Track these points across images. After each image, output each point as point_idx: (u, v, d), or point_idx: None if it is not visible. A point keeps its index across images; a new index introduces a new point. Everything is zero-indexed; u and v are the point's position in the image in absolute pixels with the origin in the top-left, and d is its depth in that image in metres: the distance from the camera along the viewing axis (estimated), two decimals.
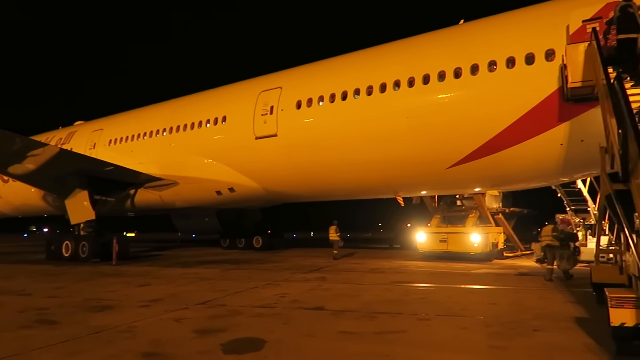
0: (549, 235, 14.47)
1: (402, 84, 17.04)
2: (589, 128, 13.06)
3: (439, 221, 23.20)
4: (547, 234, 14.54)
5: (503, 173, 16.61)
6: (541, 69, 14.34)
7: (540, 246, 14.71)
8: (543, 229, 14.94)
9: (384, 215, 51.59)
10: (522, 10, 16.25)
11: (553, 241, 14.34)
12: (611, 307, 6.46)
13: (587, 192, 20.88)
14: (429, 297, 11.19)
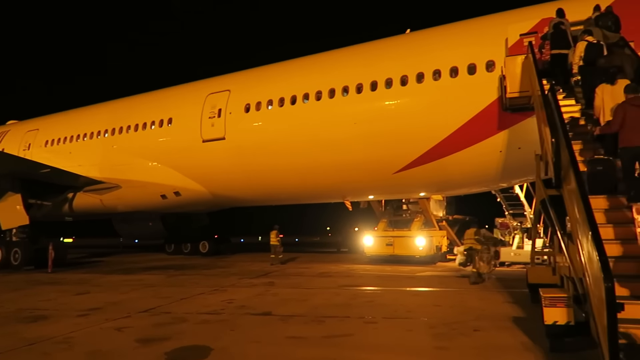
0: (471, 238, 14.76)
1: (350, 90, 17.28)
2: (525, 136, 13.74)
3: (385, 225, 23.64)
4: (469, 237, 14.84)
5: (447, 178, 17.18)
6: (482, 79, 14.96)
7: (463, 249, 14.98)
8: (466, 232, 15.29)
9: (332, 219, 52.02)
10: (465, 22, 16.93)
11: (475, 244, 14.64)
12: (545, 307, 6.82)
13: (523, 197, 21.96)
14: (375, 300, 11.37)
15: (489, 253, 14.83)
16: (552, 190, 8.42)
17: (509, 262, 20.17)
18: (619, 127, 7.06)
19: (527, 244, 19.02)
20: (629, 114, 6.93)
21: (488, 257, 14.74)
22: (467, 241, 14.84)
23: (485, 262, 14.61)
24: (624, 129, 6.96)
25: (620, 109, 7.13)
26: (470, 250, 14.60)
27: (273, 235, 22.69)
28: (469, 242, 14.75)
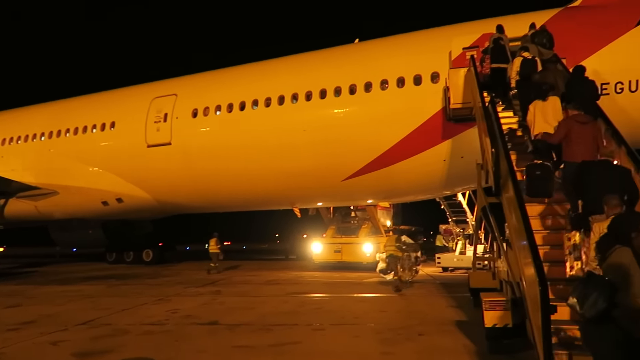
0: (392, 245, 14.63)
1: (299, 97, 17.35)
2: (468, 146, 14.28)
3: (334, 232, 23.81)
4: (390, 244, 14.72)
5: (394, 186, 17.56)
6: (427, 90, 15.45)
7: (385, 256, 14.75)
8: (387, 239, 15.25)
9: (280, 226, 51.81)
10: (412, 34, 17.45)
11: (396, 251, 14.48)
12: (485, 310, 7.10)
13: (466, 204, 22.77)
14: (324, 307, 11.41)
15: (410, 260, 14.79)
16: (492, 198, 8.78)
17: (452, 268, 20.82)
18: (559, 140, 7.36)
19: (470, 249, 19.69)
20: (573, 130, 7.21)
21: (409, 263, 14.69)
22: (388, 248, 14.66)
23: (407, 268, 14.56)
24: (569, 144, 7.20)
25: (564, 124, 7.44)
26: (392, 257, 14.45)
27: (213, 242, 21.90)
28: (390, 249, 14.57)
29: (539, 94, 8.49)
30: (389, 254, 14.51)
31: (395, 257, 14.42)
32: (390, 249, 14.57)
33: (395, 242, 14.72)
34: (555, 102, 8.23)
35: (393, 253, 14.44)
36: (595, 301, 4.07)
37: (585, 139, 7.06)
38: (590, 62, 12.70)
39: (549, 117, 8.04)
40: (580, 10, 14.62)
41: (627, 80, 12.83)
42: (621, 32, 13.12)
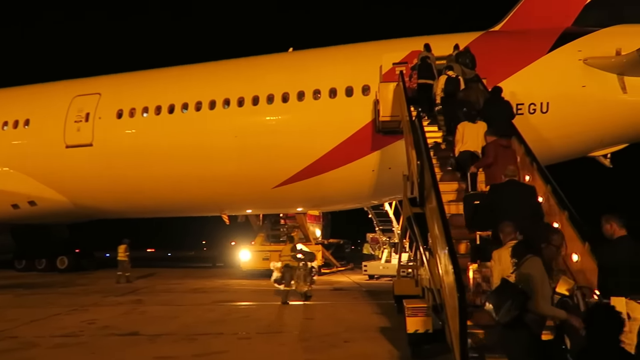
0: (288, 255, 13.88)
1: (232, 102, 17.13)
2: (395, 157, 14.76)
3: (263, 239, 23.63)
4: (286, 254, 13.95)
5: (324, 194, 17.77)
6: (358, 102, 15.82)
7: (280, 266, 14.03)
8: (283, 249, 14.53)
9: (208, 233, 50.59)
10: (345, 47, 17.82)
11: (292, 261, 13.75)
12: (408, 317, 7.36)
13: (392, 213, 23.49)
14: (251, 316, 11.28)
15: (305, 270, 14.01)
16: (416, 208, 9.14)
17: (378, 275, 21.35)
18: (492, 160, 7.71)
19: (395, 257, 20.28)
20: (499, 153, 7.63)
21: (304, 274, 13.93)
22: (284, 258, 13.91)
23: (302, 279, 13.80)
24: (496, 166, 7.57)
25: (492, 147, 7.84)
26: (287, 267, 13.71)
27: (121, 250, 20.55)
28: (286, 259, 13.82)
29: (469, 117, 8.89)
30: (284, 264, 13.78)
31: (291, 268, 13.67)
32: (285, 258, 13.85)
33: (290, 251, 13.95)
34: (483, 126, 8.66)
35: (289, 263, 13.74)
36: (509, 308, 4.36)
37: (510, 162, 7.45)
38: (507, 84, 13.62)
39: (478, 139, 8.47)
40: (500, 35, 15.67)
41: (539, 102, 13.89)
42: (535, 57, 14.20)
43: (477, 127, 8.66)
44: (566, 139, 14.10)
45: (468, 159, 8.42)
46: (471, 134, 8.57)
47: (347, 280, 20.63)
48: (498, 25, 16.05)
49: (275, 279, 14.26)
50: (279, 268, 13.99)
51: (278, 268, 14.08)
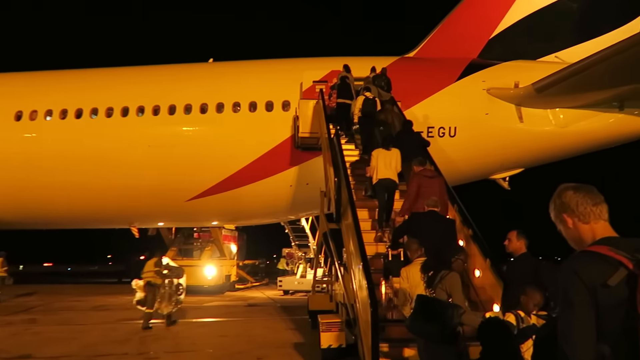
0: (151, 270, 12.26)
1: (146, 110, 16.43)
2: (313, 174, 14.95)
3: (175, 254, 22.76)
4: (149, 270, 12.32)
5: (240, 208, 17.51)
6: (278, 117, 15.87)
7: (142, 284, 12.25)
8: (146, 264, 12.67)
9: (114, 246, 47.75)
10: (265, 62, 17.88)
11: (155, 278, 12.14)
12: (322, 332, 7.44)
13: (308, 229, 23.72)
14: (159, 334, 10.77)
15: (171, 288, 12.35)
16: (333, 224, 9.32)
17: (293, 290, 21.38)
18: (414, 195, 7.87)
19: (310, 273, 20.45)
20: (422, 184, 7.88)
21: (170, 292, 12.27)
22: (146, 275, 12.29)
23: (166, 299, 12.15)
24: (419, 197, 7.75)
25: (415, 179, 8.11)
26: (150, 286, 12.09)
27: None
28: (149, 276, 12.21)
29: (383, 143, 9.16)
30: (146, 281, 12.16)
31: (154, 286, 12.10)
32: (148, 275, 12.23)
33: (154, 266, 12.32)
34: (397, 153, 9.00)
35: (151, 280, 12.11)
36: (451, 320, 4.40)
37: (434, 192, 7.69)
38: (420, 107, 14.45)
39: (392, 166, 8.79)
40: (414, 61, 16.57)
41: (448, 126, 14.80)
42: (445, 84, 15.16)
43: (391, 154, 8.95)
44: (471, 162, 15.12)
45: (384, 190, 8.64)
46: (385, 161, 8.83)
47: (262, 296, 20.44)
48: (412, 52, 16.96)
49: (138, 299, 12.32)
50: (142, 287, 12.20)
51: (141, 287, 12.25)
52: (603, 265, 1.97)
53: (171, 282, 12.39)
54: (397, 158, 8.96)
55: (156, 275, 12.15)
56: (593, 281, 1.96)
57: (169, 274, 12.43)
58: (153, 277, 12.14)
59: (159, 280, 12.14)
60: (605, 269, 1.95)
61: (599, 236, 2.13)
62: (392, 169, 8.80)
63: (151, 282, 12.07)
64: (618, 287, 1.91)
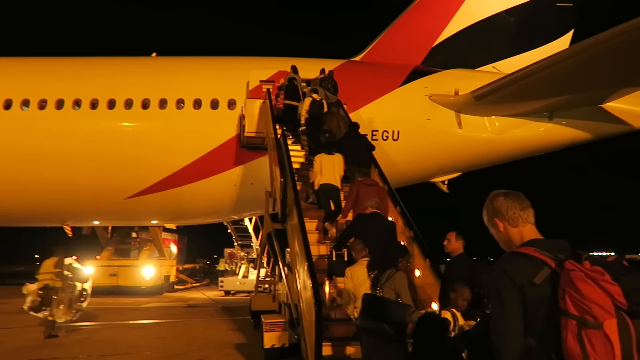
0: (49, 271, 10.85)
1: (83, 103, 15.68)
2: (258, 173, 14.87)
3: (110, 253, 21.90)
4: (47, 271, 10.91)
5: (182, 207, 17.09)
6: (224, 115, 15.64)
7: (37, 288, 10.72)
8: (43, 264, 11.23)
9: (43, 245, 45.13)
10: (212, 59, 17.57)
11: (55, 280, 10.74)
12: (265, 332, 7.44)
13: (252, 229, 23.54)
14: (93, 337, 10.33)
15: (72, 292, 11.14)
16: (277, 225, 9.32)
17: (235, 291, 21.16)
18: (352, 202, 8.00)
19: (253, 273, 20.31)
20: (361, 191, 7.97)
21: (70, 297, 11.04)
22: (43, 276, 10.82)
23: (66, 305, 10.89)
24: (358, 203, 7.87)
25: (354, 187, 8.21)
26: (47, 288, 10.63)
27: None
28: (46, 278, 10.77)
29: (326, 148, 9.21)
30: (43, 285, 10.67)
31: (52, 289, 10.68)
32: (45, 276, 10.78)
33: (54, 267, 10.91)
34: (340, 158, 9.08)
35: (49, 283, 10.68)
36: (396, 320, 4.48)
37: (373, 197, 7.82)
38: (365, 111, 14.73)
39: (335, 171, 8.86)
40: (360, 65, 16.87)
41: (392, 130, 15.18)
42: (390, 89, 15.54)
43: (334, 159, 9.00)
44: (413, 165, 15.60)
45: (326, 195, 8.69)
46: (328, 166, 8.86)
47: (202, 297, 20.08)
48: (359, 56, 17.27)
49: (30, 305, 10.65)
50: (35, 291, 10.62)
51: (33, 291, 10.66)
52: (529, 265, 2.15)
53: (73, 286, 11.16)
54: (340, 163, 9.02)
55: (56, 277, 10.73)
56: (521, 279, 2.13)
57: (71, 276, 11.09)
58: (52, 279, 10.69)
59: (59, 283, 10.73)
60: (531, 268, 2.13)
61: (527, 238, 2.33)
62: (335, 174, 8.84)
63: (49, 284, 10.62)
64: (543, 284, 2.09)
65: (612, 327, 1.91)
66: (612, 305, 1.94)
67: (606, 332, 1.91)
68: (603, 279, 1.96)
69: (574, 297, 1.98)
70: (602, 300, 1.94)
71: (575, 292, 1.97)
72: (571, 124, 14.79)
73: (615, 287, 1.95)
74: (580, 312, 1.96)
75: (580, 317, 1.95)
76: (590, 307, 1.94)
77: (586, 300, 1.95)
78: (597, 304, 1.94)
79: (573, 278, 1.99)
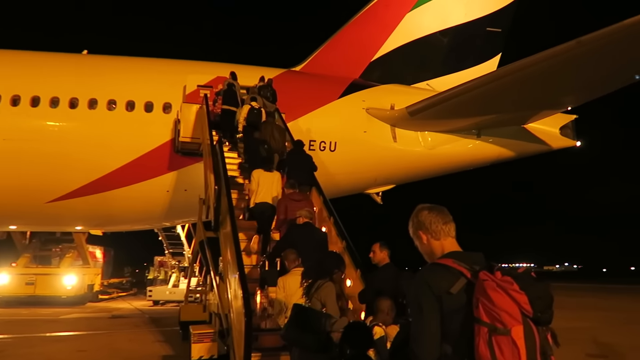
0: None
1: (3, 100, 14.63)
2: (192, 180, 14.51)
3: (28, 261, 20.48)
4: None
5: (110, 213, 16.30)
6: (158, 119, 15.14)
7: None
8: None
9: None
10: (148, 60, 16.95)
11: None
12: (193, 343, 7.23)
13: (184, 237, 22.90)
14: (6, 351, 9.59)
15: None
16: (210, 233, 9.13)
17: (164, 301, 20.43)
18: (283, 216, 7.99)
19: (183, 282, 19.74)
20: (289, 207, 7.93)
21: None
22: None
23: None
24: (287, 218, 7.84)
25: (282, 202, 8.17)
26: None
27: None
28: None
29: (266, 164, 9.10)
30: None
31: None
32: None
33: None
34: (278, 176, 9.00)
35: None
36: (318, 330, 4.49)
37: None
38: (303, 121, 14.83)
39: (272, 189, 8.72)
40: (300, 75, 16.99)
41: (329, 141, 15.38)
42: (328, 100, 15.75)
43: (272, 177, 8.87)
44: (349, 176, 15.86)
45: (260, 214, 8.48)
46: (266, 184, 8.68)
47: (129, 307, 19.24)
48: (299, 66, 17.40)
49: None
50: None
51: None
52: (447, 276, 2.28)
53: None
54: (279, 181, 8.91)
55: None
56: (440, 289, 2.25)
57: None
58: None
59: None
60: (449, 279, 2.26)
61: (447, 250, 2.47)
62: (272, 193, 8.69)
63: None
64: (459, 294, 2.22)
65: (519, 334, 2.06)
66: (520, 313, 2.09)
67: (513, 338, 2.05)
68: (512, 288, 2.11)
69: (486, 306, 2.11)
70: (510, 308, 2.08)
71: (488, 300, 2.10)
72: (497, 142, 15.69)
73: (523, 296, 2.10)
74: (491, 319, 2.09)
75: (491, 324, 2.08)
76: (500, 315, 2.08)
77: (496, 308, 2.08)
78: (506, 312, 2.08)
79: (486, 288, 2.13)
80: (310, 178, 9.64)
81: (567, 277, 77.70)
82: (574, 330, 12.02)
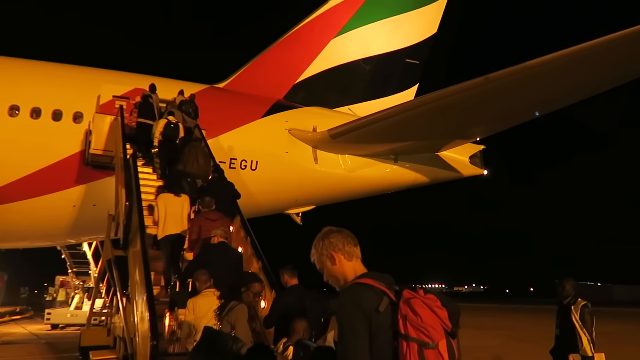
0: None
1: None
2: (102, 194, 13.68)
3: None
4: None
5: (7, 229, 14.88)
6: (67, 129, 14.19)
7: None
8: None
9: None
10: (59, 65, 15.91)
11: None
12: None
13: (91, 255, 21.44)
14: None
15: None
16: (119, 251, 8.63)
17: (64, 324, 18.91)
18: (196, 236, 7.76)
19: (87, 304, 18.42)
20: (204, 226, 7.69)
21: None
22: None
23: None
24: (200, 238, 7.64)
25: (196, 222, 7.91)
26: None
27: None
28: None
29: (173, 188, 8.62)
30: None
31: None
32: None
33: None
34: (187, 200, 8.57)
35: None
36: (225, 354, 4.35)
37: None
38: (225, 138, 14.63)
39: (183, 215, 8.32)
40: (223, 92, 16.79)
41: (250, 159, 15.25)
42: (251, 119, 15.66)
43: (181, 202, 8.42)
44: (269, 195, 15.79)
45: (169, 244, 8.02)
46: (175, 211, 8.20)
47: (22, 331, 17.58)
48: (223, 83, 17.20)
49: None
50: None
51: None
52: (372, 295, 2.34)
53: None
54: (187, 206, 8.51)
55: None
56: (369, 308, 2.30)
57: None
58: None
59: None
60: (375, 298, 2.32)
61: (359, 272, 2.50)
62: (181, 220, 8.25)
63: None
64: (385, 312, 2.29)
65: (444, 347, 2.22)
66: (442, 328, 2.25)
67: (440, 351, 2.20)
68: (436, 305, 2.27)
69: (413, 322, 2.22)
70: (435, 324, 2.23)
71: (416, 317, 2.22)
72: (413, 168, 16.42)
73: (444, 312, 2.28)
74: (418, 335, 2.20)
75: (419, 339, 2.20)
76: (427, 330, 2.21)
77: (424, 324, 2.21)
78: (433, 327, 2.22)
79: (413, 305, 2.25)
80: (232, 207, 9.33)
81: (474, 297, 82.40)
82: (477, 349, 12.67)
